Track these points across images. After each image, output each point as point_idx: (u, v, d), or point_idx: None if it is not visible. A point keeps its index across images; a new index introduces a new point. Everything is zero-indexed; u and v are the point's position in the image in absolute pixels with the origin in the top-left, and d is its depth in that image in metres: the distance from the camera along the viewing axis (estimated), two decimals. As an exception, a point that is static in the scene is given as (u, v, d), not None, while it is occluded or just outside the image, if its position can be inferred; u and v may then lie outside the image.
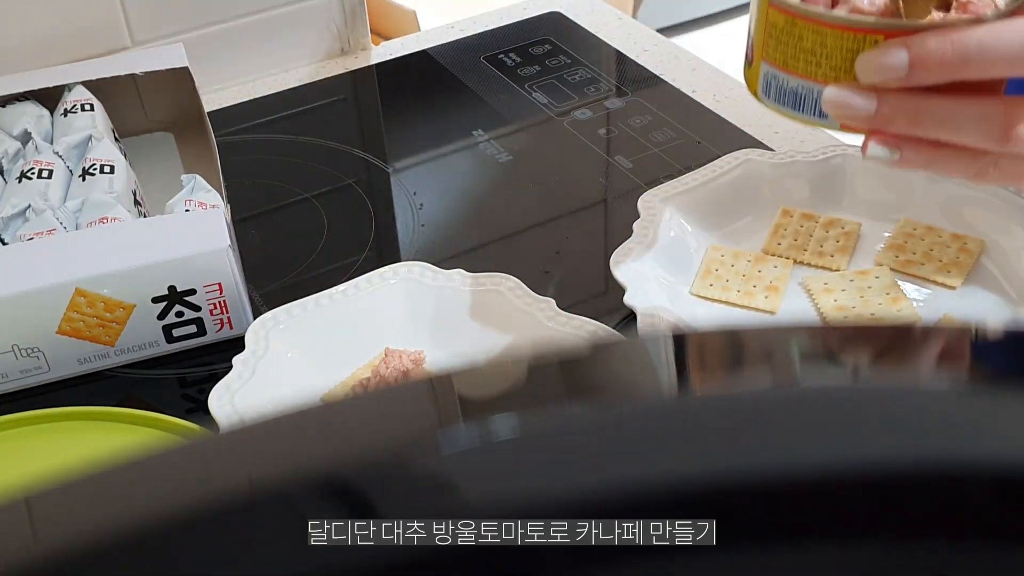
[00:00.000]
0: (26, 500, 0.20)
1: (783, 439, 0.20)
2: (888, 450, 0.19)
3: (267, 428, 0.21)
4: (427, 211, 0.81)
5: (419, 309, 0.66)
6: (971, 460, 0.19)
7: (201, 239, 0.64)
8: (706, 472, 0.19)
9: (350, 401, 0.25)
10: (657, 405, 0.21)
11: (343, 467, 0.19)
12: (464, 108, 0.94)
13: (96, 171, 0.71)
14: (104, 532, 0.18)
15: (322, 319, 0.64)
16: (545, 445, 0.20)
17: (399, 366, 0.61)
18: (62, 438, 0.59)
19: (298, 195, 0.83)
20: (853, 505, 0.19)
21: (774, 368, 0.23)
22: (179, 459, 0.21)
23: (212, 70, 0.95)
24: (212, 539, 0.18)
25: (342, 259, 0.76)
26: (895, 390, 0.21)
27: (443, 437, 0.20)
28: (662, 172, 0.82)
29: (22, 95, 0.80)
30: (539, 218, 0.80)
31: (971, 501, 0.19)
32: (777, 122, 0.88)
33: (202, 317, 0.66)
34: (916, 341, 0.24)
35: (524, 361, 0.23)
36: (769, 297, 0.68)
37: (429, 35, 1.07)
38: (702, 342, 0.24)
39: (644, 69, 0.97)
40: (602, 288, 0.72)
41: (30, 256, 0.64)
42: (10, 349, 0.63)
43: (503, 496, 0.19)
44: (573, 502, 0.19)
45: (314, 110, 0.95)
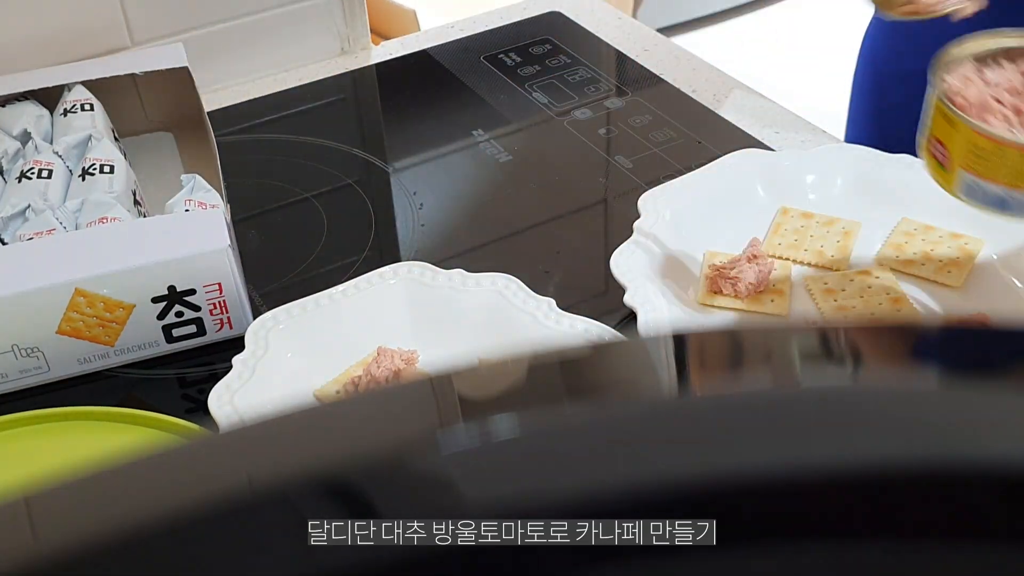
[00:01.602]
0: (26, 500, 0.20)
1: (783, 439, 0.20)
2: (888, 450, 0.19)
3: (267, 428, 0.21)
4: (427, 211, 0.81)
5: (419, 309, 0.66)
6: (971, 460, 0.19)
7: (201, 239, 0.64)
8: (706, 472, 0.19)
9: (350, 401, 0.25)
10: (657, 405, 0.21)
11: (343, 467, 0.19)
12: (464, 108, 0.94)
13: (96, 171, 0.71)
14: (104, 532, 0.18)
15: (322, 319, 0.64)
16: (545, 445, 0.20)
17: (391, 365, 0.61)
18: (62, 438, 0.59)
19: (298, 195, 0.83)
20: (853, 505, 0.19)
21: (774, 368, 0.23)
22: (179, 459, 0.21)
23: (212, 70, 0.95)
24: (212, 539, 0.18)
25: (342, 259, 0.76)
26: (895, 390, 0.21)
27: (443, 437, 0.20)
28: (662, 172, 0.82)
29: (22, 95, 0.80)
30: (539, 218, 0.80)
31: (971, 501, 0.19)
32: (777, 122, 0.89)
33: (202, 317, 0.66)
34: (916, 340, 0.24)
35: (524, 361, 0.23)
36: (776, 301, 0.68)
37: (429, 35, 1.07)
38: (702, 342, 0.24)
39: (644, 69, 0.97)
40: (602, 288, 0.72)
41: (30, 256, 0.64)
42: (10, 349, 0.63)
43: (503, 496, 0.19)
44: (573, 502, 0.19)
45: (314, 110, 0.95)
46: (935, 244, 0.71)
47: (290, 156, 0.88)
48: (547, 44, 1.02)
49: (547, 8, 1.08)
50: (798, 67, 2.50)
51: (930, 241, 0.71)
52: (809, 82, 2.42)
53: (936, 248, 0.70)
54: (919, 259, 0.70)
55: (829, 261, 0.71)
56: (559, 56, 1.00)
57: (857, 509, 0.19)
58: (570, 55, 1.00)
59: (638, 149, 0.86)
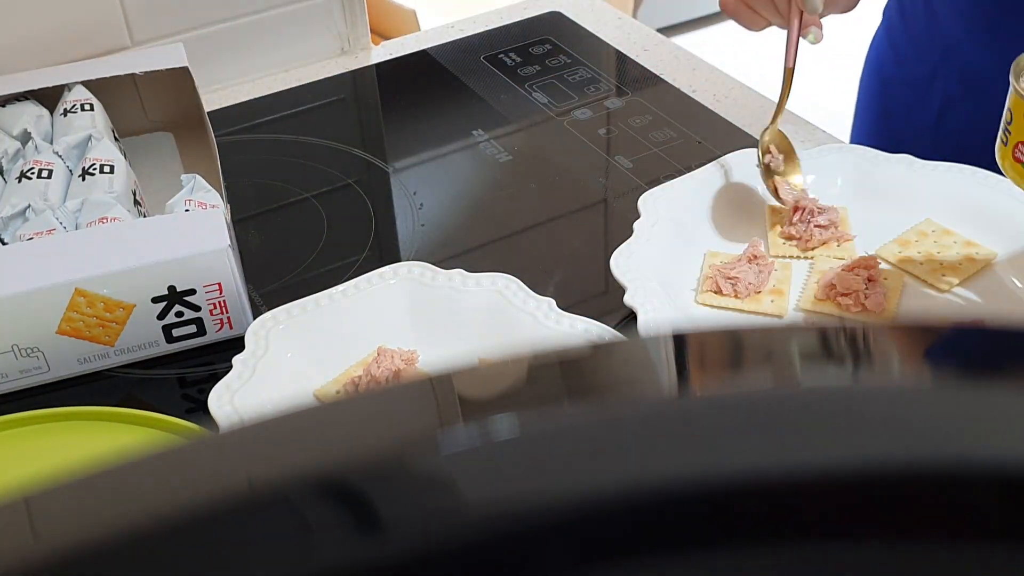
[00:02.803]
0: (26, 500, 0.20)
1: (784, 439, 0.20)
2: (889, 450, 0.19)
3: (267, 428, 0.21)
4: (427, 211, 0.81)
5: (419, 309, 0.66)
6: (971, 460, 0.19)
7: (201, 239, 0.64)
8: (706, 472, 0.19)
9: (350, 401, 0.25)
10: (657, 405, 0.21)
11: (343, 467, 0.19)
12: (464, 108, 0.94)
13: (96, 171, 0.71)
14: (104, 532, 0.18)
15: (322, 319, 0.64)
16: (545, 445, 0.20)
17: (391, 365, 0.61)
18: (62, 438, 0.59)
19: (298, 195, 0.83)
20: (853, 505, 0.19)
21: (775, 368, 0.23)
22: (179, 459, 0.21)
23: (212, 70, 0.95)
24: (212, 539, 0.18)
25: (342, 259, 0.76)
26: (895, 389, 0.21)
27: (443, 437, 0.20)
28: (662, 172, 0.82)
29: (22, 95, 0.80)
30: (539, 218, 0.80)
31: (971, 501, 0.19)
32: (777, 122, 0.88)
33: (202, 317, 0.66)
34: (916, 340, 0.24)
35: (524, 361, 0.23)
36: (775, 301, 0.68)
37: (429, 35, 1.07)
38: (702, 342, 0.24)
39: (644, 69, 0.97)
40: (602, 288, 0.72)
41: (30, 256, 0.64)
42: (10, 349, 0.63)
43: (503, 496, 0.19)
44: (573, 502, 0.19)
45: (314, 110, 0.95)
46: (944, 248, 0.70)
47: (290, 156, 0.88)
48: (547, 44, 1.02)
49: (547, 8, 1.08)
50: (798, 67, 2.49)
51: (940, 244, 0.70)
52: (809, 82, 2.42)
53: (943, 252, 0.70)
54: (920, 258, 0.70)
55: (836, 251, 0.71)
56: (559, 56, 1.00)
57: (858, 509, 0.19)
58: (570, 55, 1.00)
59: (638, 149, 0.86)
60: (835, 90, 2.37)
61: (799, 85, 0.74)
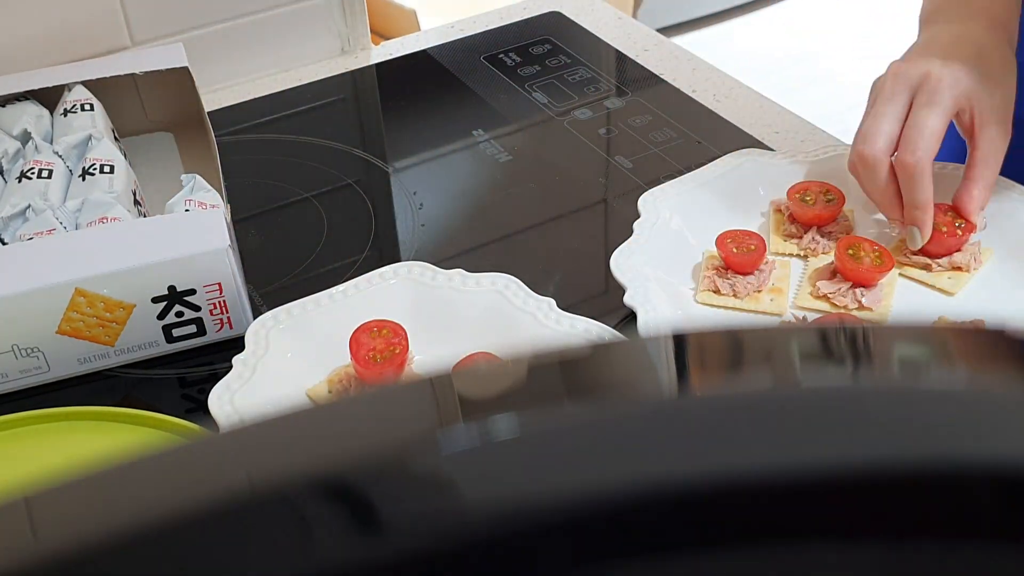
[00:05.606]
0: (26, 500, 0.20)
1: (783, 439, 0.20)
2: (889, 450, 0.19)
3: (267, 428, 0.21)
4: (427, 211, 0.81)
5: (419, 309, 0.66)
6: (971, 460, 0.19)
7: (201, 239, 0.64)
8: (706, 472, 0.19)
9: (350, 401, 0.25)
10: (657, 405, 0.21)
11: (343, 467, 0.19)
12: (464, 108, 0.94)
13: (96, 171, 0.71)
14: (104, 532, 0.18)
15: (322, 319, 0.64)
16: (545, 445, 0.20)
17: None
18: (62, 438, 0.59)
19: (298, 195, 0.83)
20: (853, 505, 0.19)
21: (774, 368, 0.23)
22: (179, 459, 0.21)
23: (212, 70, 0.95)
24: (212, 539, 0.18)
25: (342, 259, 0.76)
26: (895, 389, 0.21)
27: (443, 437, 0.20)
28: (662, 172, 0.82)
29: (22, 95, 0.80)
30: (539, 218, 0.80)
31: (971, 501, 0.19)
32: (777, 122, 0.88)
33: (202, 317, 0.66)
34: (916, 339, 0.24)
35: (524, 361, 0.23)
36: (775, 300, 0.68)
37: (429, 35, 1.07)
38: (702, 342, 0.24)
39: (644, 69, 0.97)
40: (602, 288, 0.72)
41: (30, 256, 0.64)
42: (10, 349, 0.63)
43: (503, 496, 0.19)
44: (573, 502, 0.19)
45: (314, 110, 0.95)
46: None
47: (290, 156, 0.88)
48: (547, 44, 1.02)
49: (547, 8, 1.08)
50: (798, 67, 2.50)
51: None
52: (809, 82, 2.42)
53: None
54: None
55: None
56: (559, 56, 1.00)
57: (857, 509, 0.19)
58: (570, 55, 1.00)
59: (638, 149, 0.86)
60: (834, 89, 2.37)
61: (797, 86, 0.74)
